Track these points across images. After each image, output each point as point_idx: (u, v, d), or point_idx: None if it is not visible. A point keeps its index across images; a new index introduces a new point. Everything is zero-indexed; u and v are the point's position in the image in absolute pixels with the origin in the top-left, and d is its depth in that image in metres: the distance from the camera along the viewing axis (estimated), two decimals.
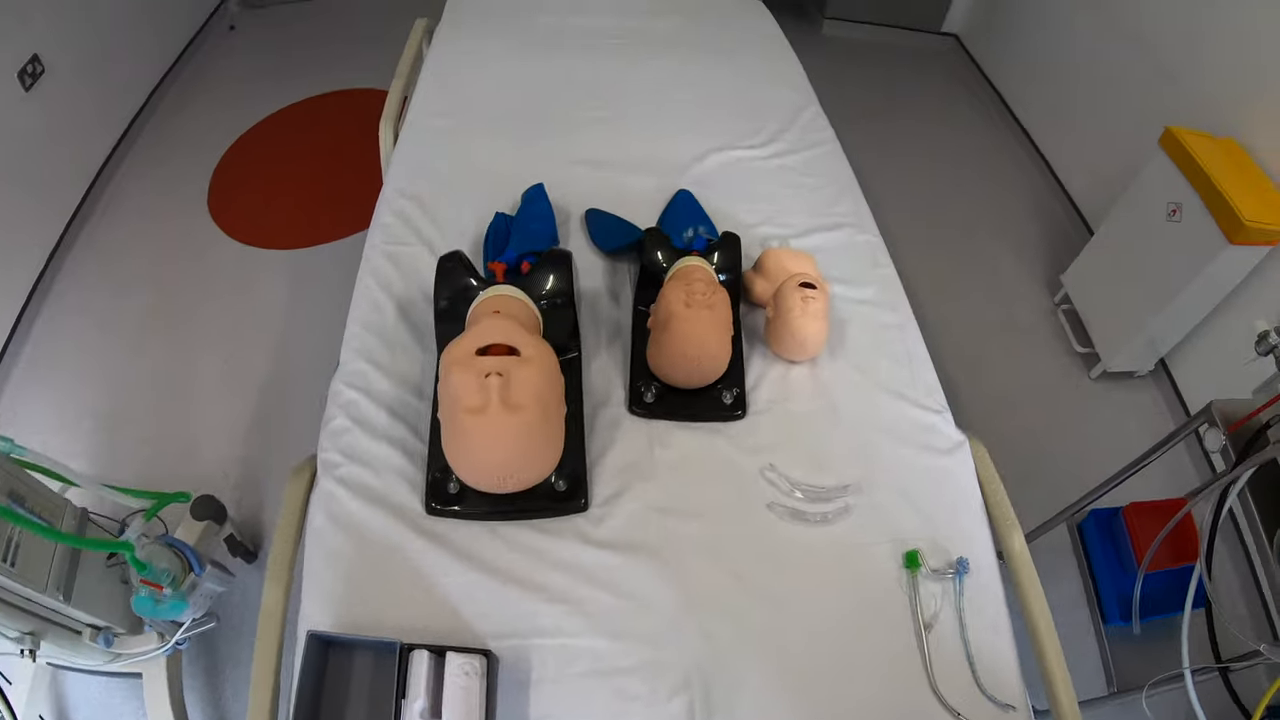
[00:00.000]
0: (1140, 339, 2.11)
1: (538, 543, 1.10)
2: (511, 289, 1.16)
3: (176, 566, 1.48)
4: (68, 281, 2.27)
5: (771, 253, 1.33)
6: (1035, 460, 2.11)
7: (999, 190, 2.81)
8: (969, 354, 2.30)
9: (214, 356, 2.10)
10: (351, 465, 1.15)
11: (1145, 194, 2.07)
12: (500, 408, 1.00)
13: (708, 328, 1.15)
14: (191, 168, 2.61)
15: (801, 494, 1.16)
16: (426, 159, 1.55)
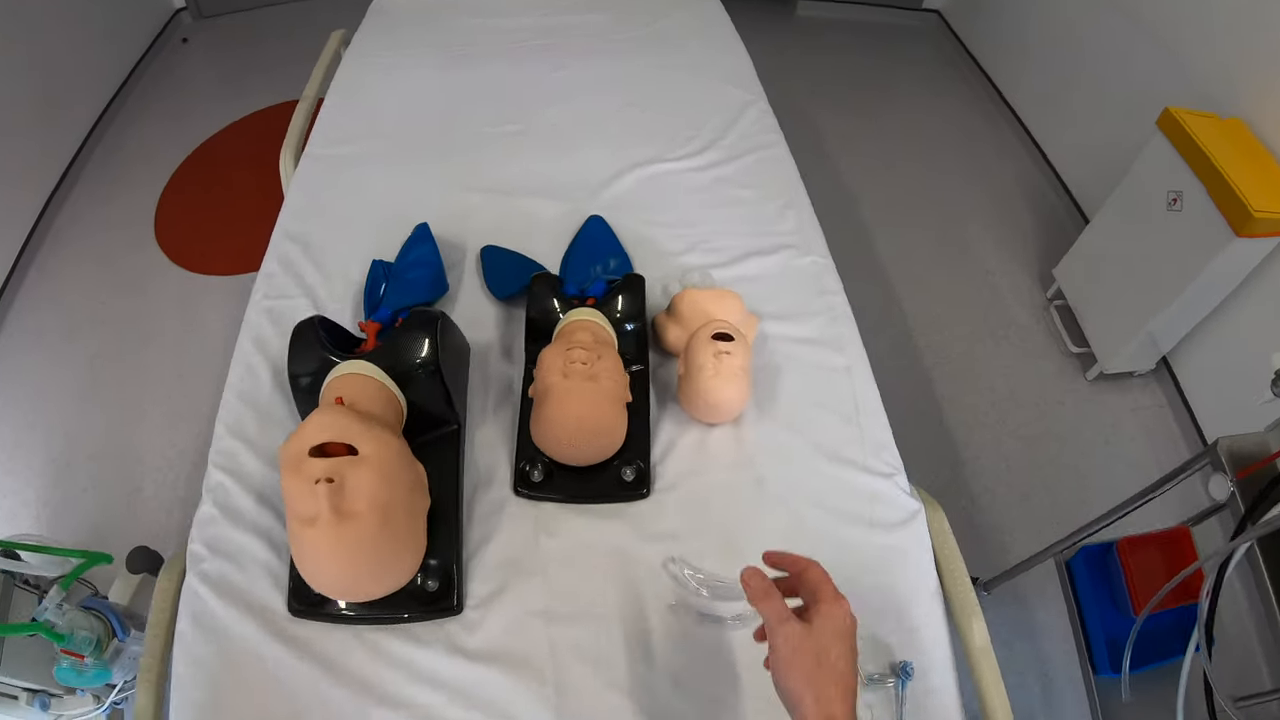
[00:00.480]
0: (1139, 339, 1.77)
1: (405, 652, 0.86)
2: (361, 366, 0.90)
3: (100, 630, 1.31)
4: (16, 321, 2.08)
5: (688, 294, 1.04)
6: (1028, 472, 1.80)
7: (987, 178, 2.43)
8: (955, 356, 1.98)
9: (160, 394, 1.90)
10: (216, 559, 0.92)
11: (1142, 181, 1.72)
12: (332, 519, 0.76)
13: (588, 403, 0.88)
14: (141, 190, 2.37)
15: (709, 591, 0.89)
16: (320, 194, 1.28)
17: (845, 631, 0.64)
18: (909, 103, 2.72)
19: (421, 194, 1.24)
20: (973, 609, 0.92)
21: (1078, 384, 1.92)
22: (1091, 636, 1.40)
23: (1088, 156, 2.26)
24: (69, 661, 1.23)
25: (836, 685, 0.61)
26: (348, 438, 0.80)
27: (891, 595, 0.92)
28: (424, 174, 1.29)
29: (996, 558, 1.66)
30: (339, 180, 1.30)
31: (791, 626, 0.64)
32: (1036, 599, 1.64)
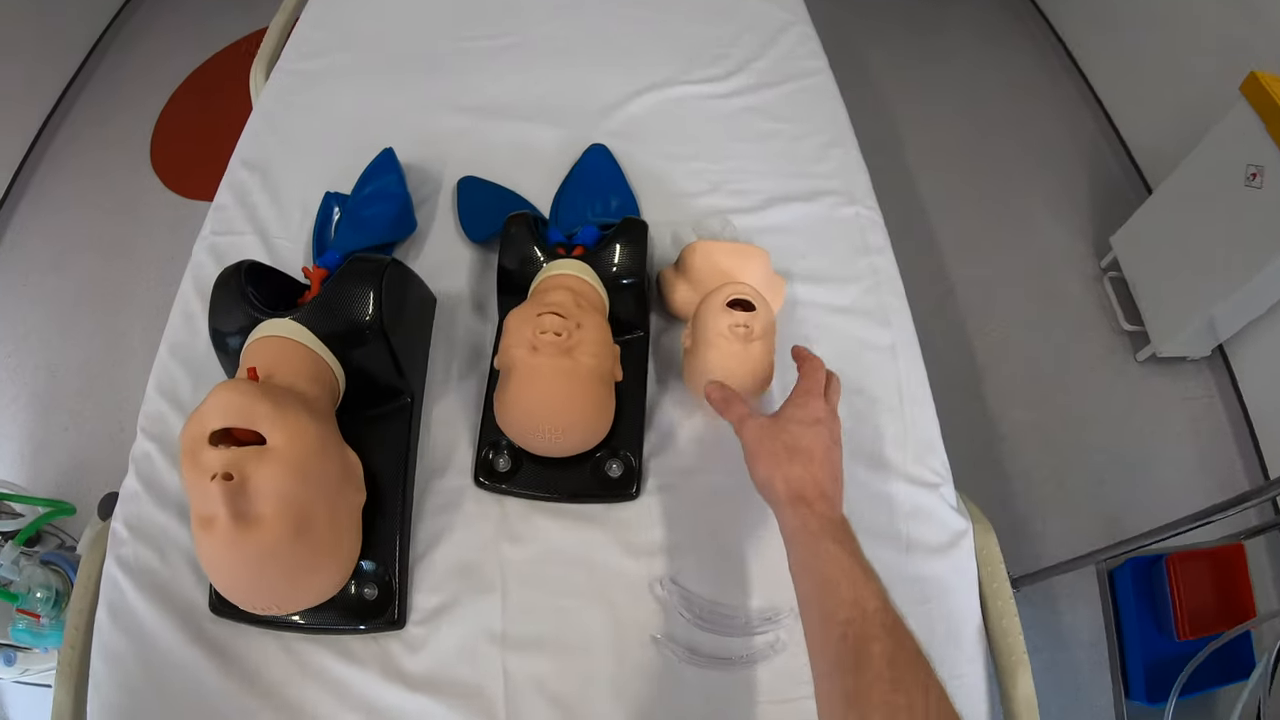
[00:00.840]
0: (1197, 323, 1.47)
1: (334, 669, 0.67)
2: (287, 325, 0.67)
3: (59, 583, 1.15)
4: (10, 248, 1.88)
5: (701, 246, 0.77)
6: (1067, 456, 1.54)
7: (1044, 134, 2.07)
8: (999, 330, 1.69)
9: (144, 327, 1.71)
10: (136, 544, 0.73)
11: (1219, 152, 1.39)
12: (231, 523, 0.55)
13: (560, 386, 0.64)
14: (138, 112, 2.12)
15: (706, 622, 0.67)
16: (284, 115, 1.03)
17: (817, 419, 0.59)
18: (964, 47, 2.32)
19: (396, 115, 0.99)
20: (1020, 657, 0.70)
21: (1127, 365, 1.63)
22: (1128, 657, 1.18)
23: (1157, 120, 1.90)
24: (24, 621, 1.11)
25: (808, 468, 0.57)
26: (253, 423, 0.57)
27: (928, 635, 0.69)
28: (401, 92, 1.02)
29: (1027, 550, 1.42)
30: (306, 99, 1.04)
31: (756, 420, 0.61)
32: (1066, 601, 1.40)
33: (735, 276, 0.75)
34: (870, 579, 0.51)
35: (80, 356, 1.67)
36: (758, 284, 0.74)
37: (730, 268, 0.76)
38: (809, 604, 0.53)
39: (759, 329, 0.68)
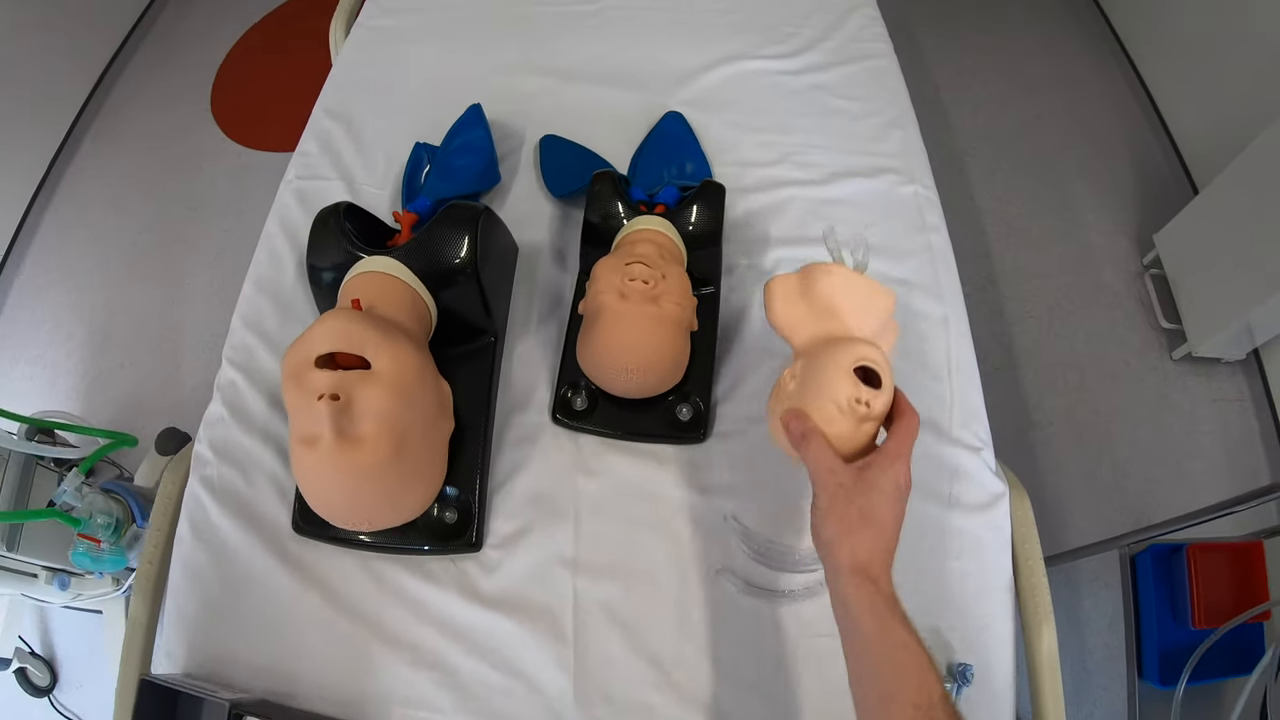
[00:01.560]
0: (1237, 325, 1.49)
1: (412, 588, 0.73)
2: (385, 263, 0.72)
3: (119, 512, 1.22)
4: (67, 193, 1.95)
5: (823, 271, 0.63)
6: (1098, 447, 1.58)
7: (1094, 128, 2.08)
8: (1039, 316, 1.72)
9: (204, 272, 1.77)
10: (222, 465, 0.80)
11: (1268, 156, 1.40)
12: (335, 442, 0.60)
13: (647, 329, 0.70)
14: (197, 65, 2.17)
15: (766, 559, 0.73)
16: (367, 69, 1.08)
17: (898, 487, 0.56)
18: (1016, 34, 2.33)
19: (479, 74, 1.03)
20: (1045, 613, 0.75)
21: (1163, 362, 1.66)
22: (1144, 640, 1.22)
23: (1207, 118, 1.90)
24: (85, 546, 1.17)
25: (878, 541, 0.54)
26: (360, 348, 0.63)
27: (960, 588, 0.74)
28: (483, 52, 1.07)
29: (1052, 533, 1.46)
30: (390, 54, 1.09)
31: (835, 472, 0.55)
32: (1087, 586, 1.45)
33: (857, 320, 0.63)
34: (934, 666, 0.51)
35: (138, 296, 1.74)
36: (876, 332, 0.64)
37: (854, 306, 0.63)
38: (869, 680, 0.52)
39: (879, 407, 0.57)
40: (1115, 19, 2.29)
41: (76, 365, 1.65)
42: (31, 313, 1.74)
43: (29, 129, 1.89)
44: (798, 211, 0.92)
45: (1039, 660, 0.73)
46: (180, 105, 2.06)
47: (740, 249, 0.89)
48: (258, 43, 2.20)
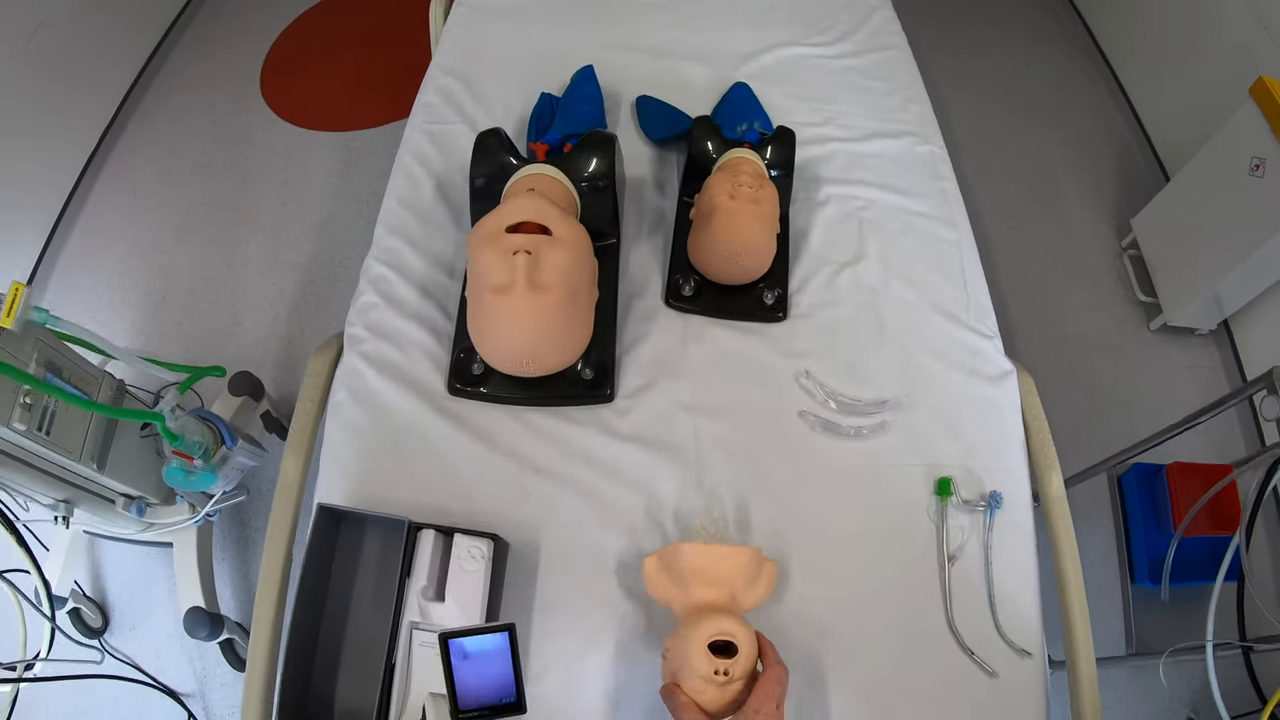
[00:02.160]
0: (1206, 296, 1.89)
1: (559, 430, 1.01)
2: (549, 168, 1.02)
3: (209, 439, 1.42)
4: (117, 165, 2.18)
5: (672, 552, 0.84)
6: (1080, 404, 1.94)
7: (1074, 123, 2.54)
8: (1026, 288, 2.11)
9: (261, 238, 2.02)
10: (377, 341, 1.06)
11: (1229, 145, 1.82)
12: (526, 287, 0.88)
13: (751, 222, 1.01)
14: (246, 50, 2.45)
15: (836, 404, 1.03)
16: (475, 39, 1.40)
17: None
18: (1007, 43, 2.81)
19: (579, 49, 1.36)
20: (1052, 462, 1.05)
21: (1140, 332, 2.05)
22: (1134, 548, 1.55)
23: (1178, 118, 2.37)
24: (178, 462, 1.31)
25: None
26: (544, 219, 0.92)
27: (985, 437, 1.06)
28: (580, 32, 1.40)
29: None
30: (493, 31, 1.41)
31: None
32: (1083, 522, 1.76)
33: (722, 582, 0.82)
34: None
35: (193, 260, 1.97)
36: (741, 582, 0.83)
37: (719, 573, 0.82)
38: None
39: (739, 671, 0.73)
40: (1096, 29, 2.80)
41: (131, 325, 1.86)
42: (84, 276, 1.95)
43: (83, 100, 2.12)
44: (842, 160, 1.27)
45: (1049, 497, 1.02)
46: (230, 85, 2.34)
47: (801, 186, 1.23)
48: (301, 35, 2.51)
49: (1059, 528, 1.00)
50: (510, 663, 0.62)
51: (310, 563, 0.86)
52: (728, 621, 0.76)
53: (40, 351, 1.15)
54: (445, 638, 0.60)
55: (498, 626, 0.62)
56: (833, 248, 1.17)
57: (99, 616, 1.61)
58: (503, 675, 0.62)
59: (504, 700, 0.62)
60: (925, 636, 0.93)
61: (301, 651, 0.86)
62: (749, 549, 0.85)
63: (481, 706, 0.61)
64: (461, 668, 0.61)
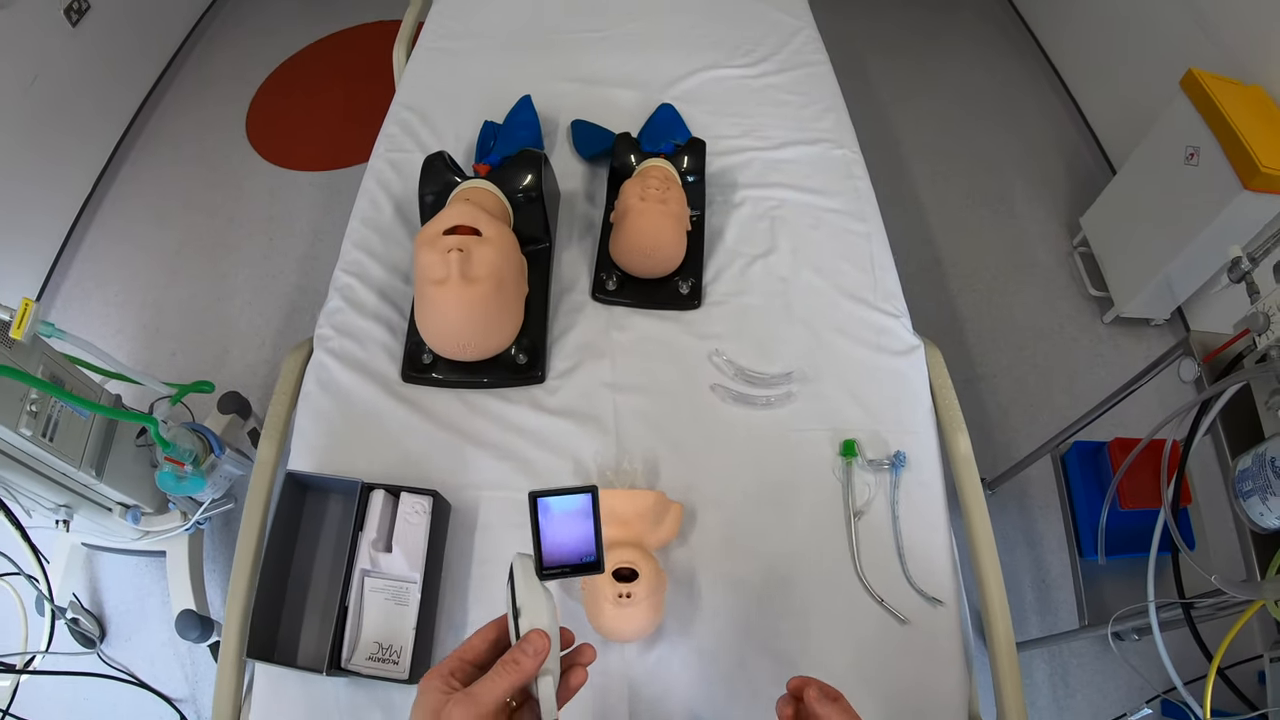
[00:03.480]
0: (1153, 285, 2.08)
1: (497, 408, 1.22)
2: (484, 182, 1.26)
3: (199, 447, 1.65)
4: (112, 207, 2.49)
5: None
6: (1041, 397, 2.12)
7: (1025, 131, 2.78)
8: (980, 290, 2.31)
9: (248, 272, 2.30)
10: (341, 339, 1.29)
11: (1165, 137, 2.04)
12: (460, 280, 1.11)
13: (659, 219, 1.24)
14: (231, 98, 2.79)
15: (745, 378, 1.24)
16: (432, 77, 1.67)
17: None
18: (955, 54, 3.07)
19: (521, 82, 1.61)
20: (959, 425, 1.23)
21: (1095, 325, 2.24)
22: (1080, 524, 1.70)
23: (1121, 115, 2.60)
24: (170, 467, 1.53)
25: None
26: (475, 223, 1.15)
27: (891, 404, 1.25)
28: (522, 67, 1.67)
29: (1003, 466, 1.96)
30: (447, 69, 1.68)
31: None
32: (1039, 510, 1.95)
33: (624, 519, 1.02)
34: None
35: (185, 294, 2.24)
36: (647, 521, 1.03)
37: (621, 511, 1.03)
38: None
39: (641, 593, 0.94)
40: (1040, 34, 3.08)
41: (128, 356, 2.11)
42: (81, 310, 2.22)
43: (78, 146, 2.44)
44: (758, 166, 1.50)
45: (957, 457, 1.19)
46: (217, 131, 2.66)
47: (718, 190, 1.46)
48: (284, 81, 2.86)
49: (967, 486, 1.16)
50: (593, 522, 0.66)
51: (278, 521, 1.08)
52: (629, 552, 0.97)
53: (45, 365, 1.39)
54: (535, 496, 0.65)
55: (582, 488, 0.66)
56: (746, 243, 1.39)
57: (96, 627, 1.83)
58: (584, 535, 0.66)
59: (585, 559, 0.66)
60: (836, 585, 1.09)
61: (270, 599, 1.06)
62: (653, 492, 1.06)
63: (564, 564, 0.65)
64: (548, 527, 0.65)
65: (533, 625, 0.62)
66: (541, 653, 0.60)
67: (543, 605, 0.63)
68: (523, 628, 0.61)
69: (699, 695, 1.03)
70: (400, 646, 1.04)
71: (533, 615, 0.62)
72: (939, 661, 1.07)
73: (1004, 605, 1.07)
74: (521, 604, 0.63)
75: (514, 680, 0.59)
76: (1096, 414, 1.65)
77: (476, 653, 0.63)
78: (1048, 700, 1.75)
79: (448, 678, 0.60)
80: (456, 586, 1.10)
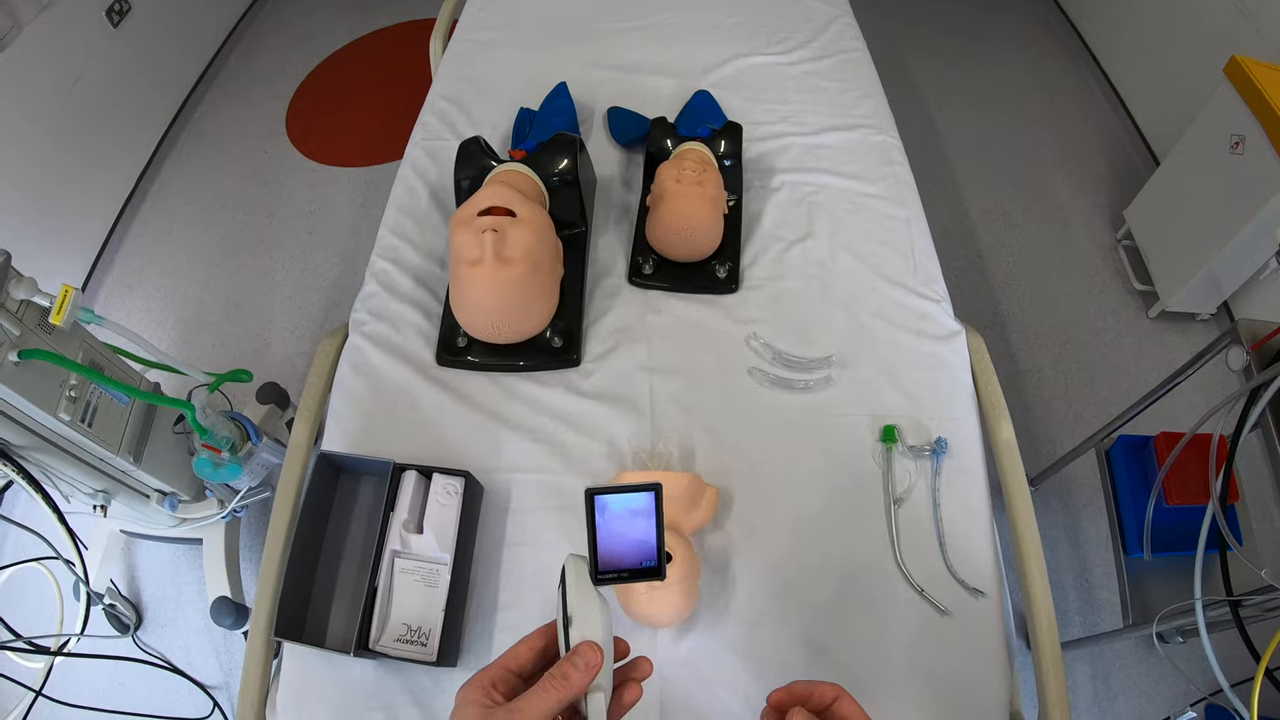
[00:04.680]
0: (1199, 277, 2.01)
1: (531, 391, 1.20)
2: (519, 165, 1.25)
3: (236, 435, 1.66)
4: (154, 204, 2.53)
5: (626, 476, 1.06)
6: (1084, 394, 2.06)
7: (1066, 121, 2.72)
8: (1023, 285, 2.25)
9: (289, 265, 2.32)
10: (377, 323, 1.28)
11: (1209, 126, 1.97)
12: (494, 260, 1.10)
13: (695, 202, 1.21)
14: (270, 97, 2.83)
15: (783, 362, 1.20)
16: (468, 68, 1.67)
17: None
18: (997, 51, 3.02)
19: (557, 70, 1.60)
20: (1001, 410, 1.18)
21: (1140, 321, 2.16)
22: (1125, 521, 1.63)
23: (1164, 105, 2.53)
24: (207, 454, 1.54)
25: None
26: (510, 204, 1.14)
27: (933, 390, 1.21)
28: (558, 56, 1.66)
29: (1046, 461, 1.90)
30: (484, 59, 1.68)
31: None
32: (1082, 508, 1.88)
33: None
34: None
35: (226, 288, 2.26)
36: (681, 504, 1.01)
37: None
38: None
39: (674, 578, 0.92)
40: (1082, 27, 3.00)
41: (169, 348, 2.13)
42: (121, 304, 2.26)
43: (120, 146, 2.48)
44: (796, 152, 1.47)
45: (999, 444, 1.15)
46: (257, 129, 2.69)
47: (756, 175, 1.43)
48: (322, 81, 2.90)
49: (1009, 472, 1.12)
50: (655, 524, 0.61)
51: (310, 501, 1.06)
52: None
53: (85, 352, 1.39)
54: (591, 493, 0.60)
55: (645, 485, 0.61)
56: (783, 227, 1.36)
57: (133, 613, 1.84)
58: (644, 538, 0.61)
59: (644, 564, 0.61)
60: (875, 574, 1.06)
61: (299, 579, 1.05)
62: (688, 474, 1.03)
63: (621, 569, 0.60)
64: (604, 527, 0.60)
65: (584, 636, 0.55)
66: (593, 667, 0.54)
67: (596, 614, 0.57)
68: (573, 638, 0.56)
69: (732, 685, 0.99)
70: (429, 629, 1.02)
71: (585, 624, 0.56)
72: (980, 655, 1.02)
73: (1047, 597, 1.02)
74: (573, 611, 0.57)
75: (562, 696, 0.53)
76: (1142, 407, 1.58)
77: (522, 662, 0.58)
78: (1089, 702, 1.68)
79: (489, 689, 0.54)
80: (488, 569, 1.08)
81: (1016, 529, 1.07)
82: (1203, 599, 1.34)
